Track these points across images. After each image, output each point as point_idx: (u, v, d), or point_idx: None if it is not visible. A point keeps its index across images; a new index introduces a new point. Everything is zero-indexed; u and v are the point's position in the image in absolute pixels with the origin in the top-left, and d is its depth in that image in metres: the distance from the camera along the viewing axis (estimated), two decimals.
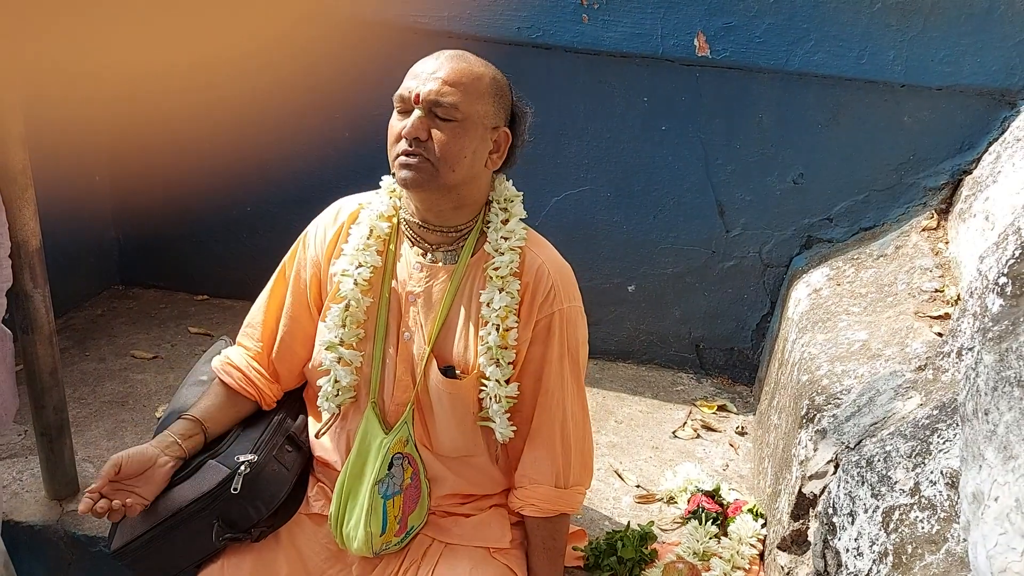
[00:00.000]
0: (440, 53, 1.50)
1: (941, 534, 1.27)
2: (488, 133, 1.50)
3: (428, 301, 1.57)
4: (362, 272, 1.56)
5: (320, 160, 2.28)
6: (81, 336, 2.70)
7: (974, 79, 2.24)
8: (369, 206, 1.61)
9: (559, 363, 1.59)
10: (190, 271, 2.98)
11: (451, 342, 1.58)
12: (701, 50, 2.36)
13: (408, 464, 1.58)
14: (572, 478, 1.65)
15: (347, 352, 1.58)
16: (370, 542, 1.55)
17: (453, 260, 1.57)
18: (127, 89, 1.85)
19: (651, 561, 1.88)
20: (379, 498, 1.54)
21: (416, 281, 1.58)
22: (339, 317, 1.57)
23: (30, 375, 1.85)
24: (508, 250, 1.54)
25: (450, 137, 1.45)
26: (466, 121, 1.46)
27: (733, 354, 2.70)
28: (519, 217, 1.58)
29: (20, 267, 1.74)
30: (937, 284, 2.05)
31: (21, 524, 1.93)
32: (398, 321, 1.59)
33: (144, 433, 2.23)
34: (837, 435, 1.67)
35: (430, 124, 1.45)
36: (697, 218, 2.56)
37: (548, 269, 1.58)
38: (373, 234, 1.58)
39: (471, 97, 1.46)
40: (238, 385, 1.65)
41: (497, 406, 1.56)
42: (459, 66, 1.47)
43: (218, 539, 1.55)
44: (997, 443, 1.00)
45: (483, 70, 1.50)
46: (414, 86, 1.46)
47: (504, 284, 1.53)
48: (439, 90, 1.44)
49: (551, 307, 1.57)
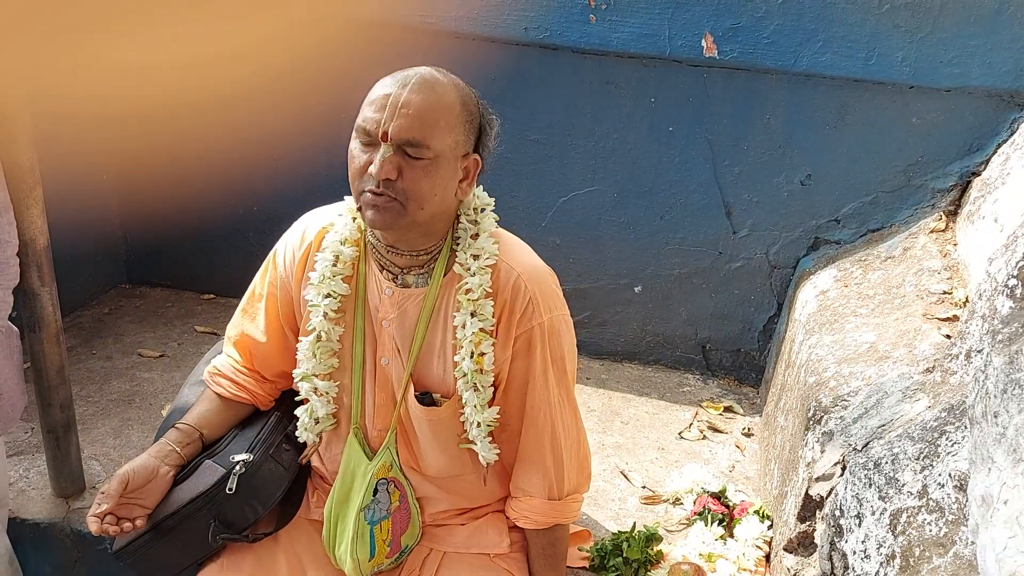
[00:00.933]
0: (406, 77, 1.37)
1: (949, 537, 1.26)
2: (458, 163, 1.41)
3: (402, 326, 1.51)
4: (330, 303, 1.50)
5: (326, 159, 2.27)
6: (88, 334, 2.71)
7: (983, 80, 2.23)
8: (333, 228, 1.53)
9: (543, 376, 1.53)
10: (197, 270, 2.98)
11: (431, 366, 1.53)
12: (708, 51, 2.35)
13: (395, 488, 1.57)
14: (567, 487, 1.61)
15: (321, 383, 1.55)
16: (358, 568, 1.55)
17: (425, 283, 1.50)
18: (134, 88, 1.86)
19: (657, 562, 1.87)
20: (365, 524, 1.54)
21: (388, 307, 1.51)
22: (310, 349, 1.53)
23: (37, 373, 1.85)
24: (479, 270, 1.46)
25: (422, 176, 1.35)
26: (438, 158, 1.36)
27: (740, 355, 2.70)
28: (489, 231, 1.49)
29: (27, 265, 1.75)
30: (945, 286, 2.04)
31: (27, 521, 1.94)
32: (374, 347, 1.54)
33: (150, 432, 2.23)
34: (844, 437, 1.66)
35: (399, 162, 1.34)
36: (704, 219, 2.56)
37: (524, 282, 1.48)
38: (339, 261, 1.50)
39: (442, 132, 1.36)
40: (230, 393, 1.63)
41: (477, 430, 1.52)
42: (429, 98, 1.35)
43: (214, 539, 1.54)
44: (1006, 446, 1.00)
45: (453, 96, 1.39)
46: (378, 119, 1.34)
47: (476, 307, 1.46)
48: (409, 126, 1.33)
49: (530, 322, 1.49)
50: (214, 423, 1.63)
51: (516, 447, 1.59)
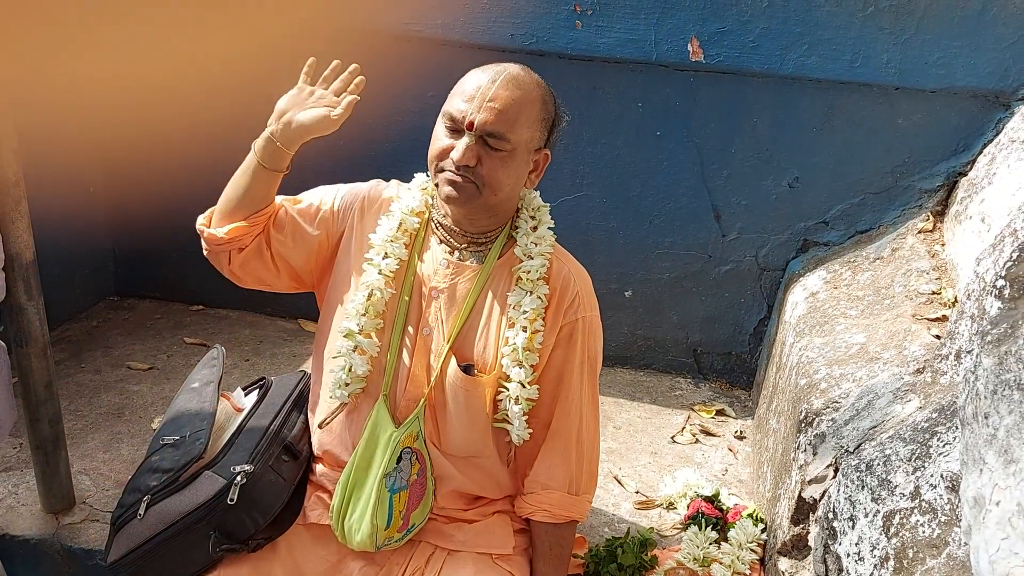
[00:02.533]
0: (496, 73, 1.47)
1: (942, 538, 1.26)
2: (531, 155, 1.52)
3: (452, 298, 1.58)
4: (388, 263, 1.57)
5: (315, 169, 2.27)
6: (76, 348, 2.69)
7: (968, 81, 2.24)
8: (399, 200, 1.62)
9: (579, 369, 1.62)
10: (185, 282, 2.96)
11: (471, 340, 1.59)
12: (695, 55, 2.36)
13: (416, 460, 1.59)
14: (583, 486, 1.67)
15: (364, 341, 1.58)
16: (375, 535, 1.55)
17: (480, 260, 1.59)
18: (121, 99, 1.85)
19: (651, 567, 1.87)
20: (386, 491, 1.55)
21: (442, 277, 1.59)
22: (361, 305, 1.57)
23: (25, 388, 1.84)
24: (538, 255, 1.57)
25: (499, 166, 1.46)
26: (515, 151, 1.47)
27: (731, 358, 2.70)
28: (548, 225, 1.61)
29: (14, 280, 1.73)
30: (934, 286, 2.05)
31: (17, 538, 1.91)
32: (418, 316, 1.60)
33: (140, 445, 2.22)
34: (836, 439, 1.67)
35: (479, 151, 1.44)
36: (693, 223, 2.56)
37: (573, 277, 1.61)
38: (402, 227, 1.59)
39: (522, 128, 1.46)
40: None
41: (517, 408, 1.58)
42: (515, 95, 1.45)
43: (215, 550, 1.54)
44: (997, 447, 1.00)
45: (536, 94, 1.49)
46: (467, 110, 1.44)
47: (534, 287, 1.56)
48: (493, 120, 1.43)
49: (575, 313, 1.59)
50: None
51: (540, 438, 1.64)
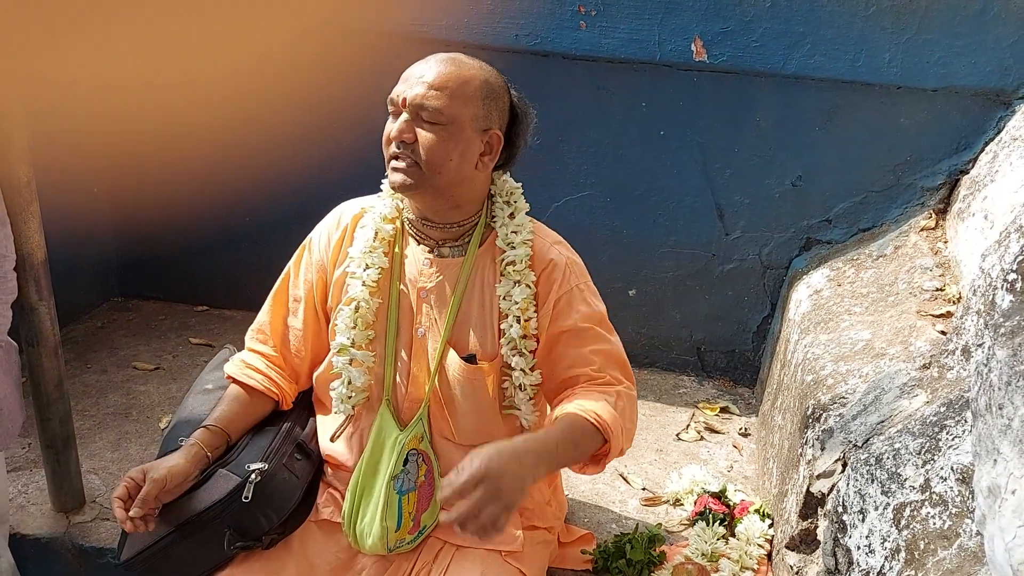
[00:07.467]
0: (432, 56, 1.51)
1: (953, 529, 1.28)
2: (478, 135, 1.50)
3: (441, 295, 1.59)
4: (370, 274, 1.58)
5: (320, 170, 2.28)
6: (82, 349, 2.69)
7: (969, 80, 2.26)
8: (372, 209, 1.63)
9: (585, 323, 1.59)
10: (190, 282, 2.97)
11: (467, 333, 1.60)
12: (698, 55, 2.37)
13: (423, 461, 1.60)
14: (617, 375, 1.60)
15: (359, 353, 1.59)
16: (385, 538, 1.56)
17: (461, 253, 1.60)
18: (126, 101, 1.85)
19: (660, 563, 1.88)
20: (394, 493, 1.56)
21: (427, 277, 1.59)
22: (349, 319, 1.58)
23: (35, 387, 1.84)
24: (520, 244, 1.58)
25: (435, 140, 1.46)
26: (451, 125, 1.46)
27: (734, 356, 2.72)
28: (524, 210, 1.61)
29: (25, 280, 1.74)
30: (938, 283, 2.07)
31: (28, 537, 1.92)
32: (409, 320, 1.61)
33: (148, 444, 2.22)
34: (844, 434, 1.68)
35: (416, 127, 1.47)
36: (697, 221, 2.58)
37: (559, 250, 1.62)
38: (378, 236, 1.60)
39: (457, 101, 1.46)
40: (263, 387, 1.66)
41: (522, 394, 1.60)
42: (447, 70, 1.48)
43: (230, 547, 1.54)
44: (1012, 437, 1.01)
45: (473, 73, 1.50)
46: (402, 90, 1.48)
47: (521, 277, 1.57)
48: (424, 94, 1.45)
49: (568, 284, 1.60)
50: (238, 425, 1.64)
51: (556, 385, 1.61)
